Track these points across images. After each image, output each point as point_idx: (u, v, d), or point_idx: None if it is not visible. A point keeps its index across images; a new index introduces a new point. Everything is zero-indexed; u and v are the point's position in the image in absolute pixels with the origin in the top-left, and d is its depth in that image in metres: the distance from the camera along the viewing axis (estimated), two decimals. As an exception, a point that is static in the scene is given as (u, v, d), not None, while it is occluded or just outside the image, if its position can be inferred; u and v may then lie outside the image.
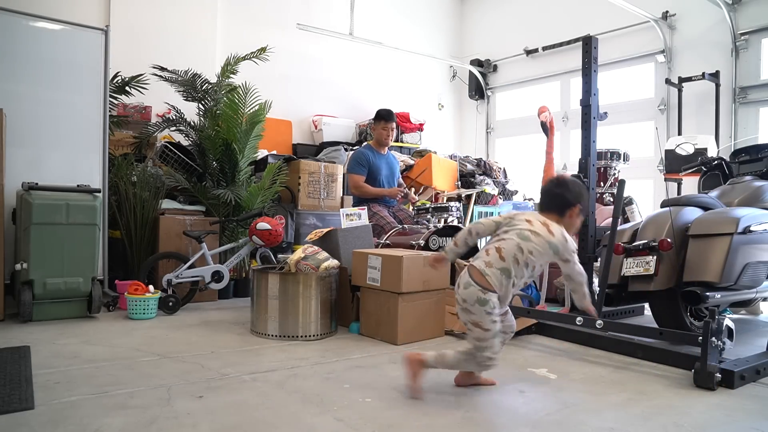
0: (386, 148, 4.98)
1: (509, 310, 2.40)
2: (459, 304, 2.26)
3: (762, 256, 3.02)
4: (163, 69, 4.85)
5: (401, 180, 5.29)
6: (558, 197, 2.30)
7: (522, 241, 2.20)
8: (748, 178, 3.78)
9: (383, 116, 4.85)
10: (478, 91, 8.82)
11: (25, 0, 4.47)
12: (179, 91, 4.95)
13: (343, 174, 5.69)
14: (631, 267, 3.11)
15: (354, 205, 4.83)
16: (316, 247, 3.38)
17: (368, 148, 4.95)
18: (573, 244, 2.26)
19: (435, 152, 7.01)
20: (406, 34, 8.27)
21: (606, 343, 3.06)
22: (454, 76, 9.14)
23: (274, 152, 5.91)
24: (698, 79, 6.01)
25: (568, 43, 7.51)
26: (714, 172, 4.10)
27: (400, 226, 4.57)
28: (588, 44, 3.76)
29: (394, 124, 4.92)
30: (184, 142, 5.06)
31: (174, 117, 5.03)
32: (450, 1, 9.15)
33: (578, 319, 2.95)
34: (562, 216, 2.29)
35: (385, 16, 8.08)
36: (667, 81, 6.34)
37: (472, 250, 4.23)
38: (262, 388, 2.29)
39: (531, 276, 2.28)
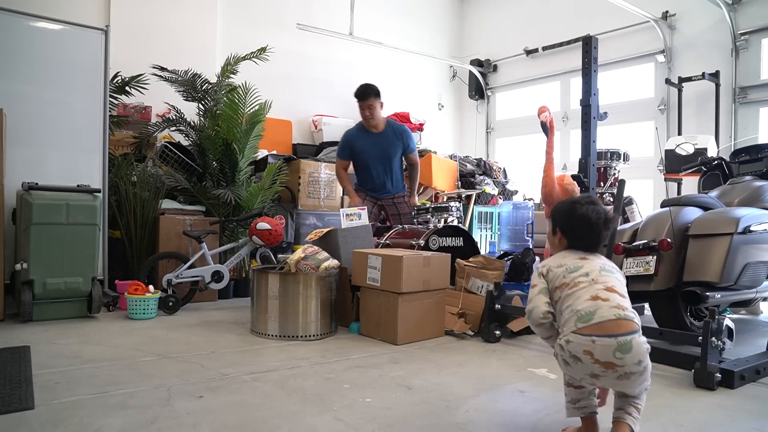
0: (380, 126, 4.49)
1: None
2: (631, 372, 1.61)
3: (762, 256, 3.02)
4: (163, 69, 4.85)
5: (414, 157, 4.68)
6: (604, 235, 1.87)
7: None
8: (748, 178, 3.78)
9: (357, 95, 4.45)
10: (478, 91, 8.82)
11: (25, 0, 4.47)
12: (179, 91, 4.95)
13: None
14: (631, 267, 3.11)
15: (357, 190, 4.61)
16: (316, 247, 3.38)
17: (356, 128, 4.57)
18: None
19: (435, 152, 7.01)
20: (406, 34, 8.27)
21: (606, 343, 3.06)
22: (454, 76, 9.14)
23: (274, 152, 5.91)
24: (698, 79, 6.01)
25: (568, 43, 7.51)
26: (714, 172, 4.10)
27: (379, 224, 4.41)
28: (588, 44, 3.76)
29: (374, 100, 4.41)
30: (184, 142, 5.06)
31: (174, 117, 5.03)
32: (450, 1, 9.15)
33: (578, 319, 2.95)
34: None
35: (385, 16, 8.08)
36: (667, 81, 6.34)
37: (472, 250, 4.23)
38: (262, 388, 2.29)
39: None
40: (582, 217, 1.83)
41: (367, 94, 4.41)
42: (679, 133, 6.19)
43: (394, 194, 4.56)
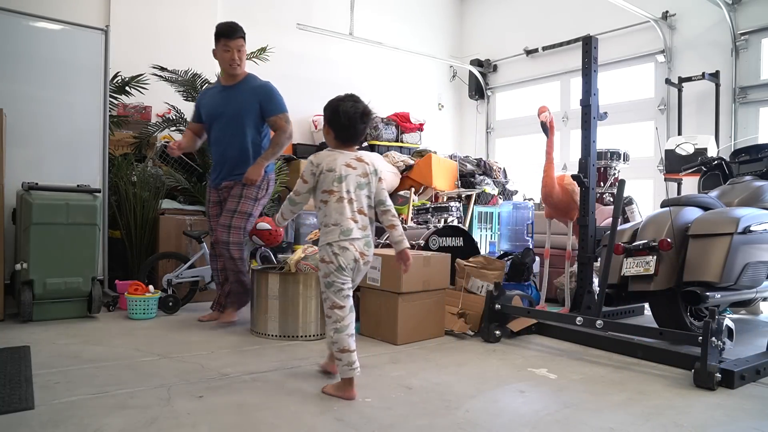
0: (239, 77, 3.46)
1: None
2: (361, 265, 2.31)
3: (762, 256, 3.02)
4: (163, 69, 4.85)
5: (278, 122, 3.41)
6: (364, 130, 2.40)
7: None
8: (748, 178, 3.78)
9: (222, 33, 3.42)
10: (478, 91, 8.82)
11: (25, 0, 4.47)
12: (179, 91, 4.95)
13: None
14: (631, 267, 3.11)
15: None
16: (316, 247, 3.38)
17: (215, 83, 3.74)
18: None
19: (435, 152, 7.01)
20: (406, 34, 8.27)
21: (606, 343, 3.06)
22: (454, 76, 9.14)
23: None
24: (698, 79, 6.01)
25: (568, 43, 7.51)
26: (714, 172, 4.10)
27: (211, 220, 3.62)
28: (588, 44, 3.76)
29: (243, 43, 3.47)
30: (184, 142, 5.05)
31: (174, 117, 5.03)
32: (450, 1, 9.15)
33: (578, 319, 2.95)
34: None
35: (385, 16, 8.08)
36: (667, 81, 6.34)
37: (472, 250, 4.24)
38: (262, 388, 2.29)
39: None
40: (344, 111, 2.32)
41: (236, 31, 3.45)
42: (679, 133, 6.19)
43: (238, 181, 3.38)
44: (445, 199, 6.22)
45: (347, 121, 2.31)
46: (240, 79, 3.46)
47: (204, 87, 3.72)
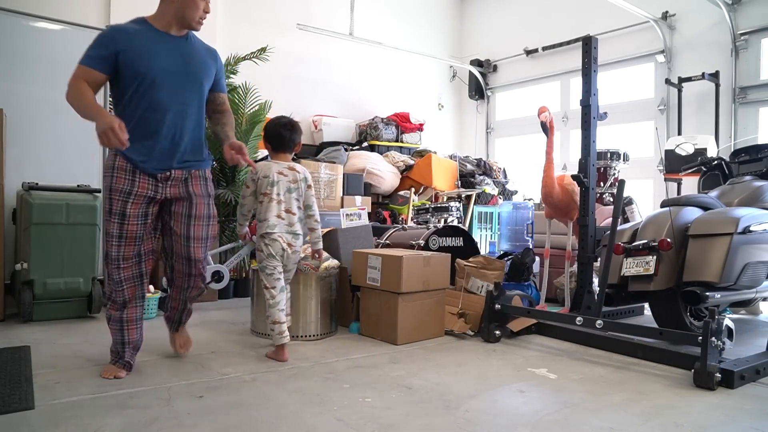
0: (193, 30, 2.56)
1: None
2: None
3: (762, 256, 3.02)
4: (163, 69, 4.83)
5: (226, 101, 2.70)
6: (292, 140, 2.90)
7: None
8: (748, 178, 3.78)
9: None
10: (478, 91, 8.82)
11: (25, 0, 4.47)
12: (179, 91, 4.93)
13: (343, 174, 5.65)
14: (631, 267, 3.11)
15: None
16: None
17: (135, 22, 2.55)
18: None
19: (435, 152, 7.01)
20: (406, 34, 8.27)
21: (606, 343, 3.07)
22: (454, 76, 9.14)
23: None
24: (698, 79, 6.01)
25: (568, 43, 7.51)
26: (714, 172, 4.10)
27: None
28: (588, 44, 3.76)
29: None
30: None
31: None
32: (450, 1, 9.15)
33: (578, 319, 2.96)
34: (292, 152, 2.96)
35: (385, 16, 8.08)
36: (667, 81, 6.34)
37: (472, 250, 4.24)
38: (262, 388, 2.29)
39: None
40: (273, 125, 2.91)
41: None
42: (679, 133, 6.19)
43: (191, 168, 2.48)
44: (445, 199, 6.22)
45: (275, 131, 2.88)
46: (186, 32, 2.54)
47: (115, 25, 2.57)
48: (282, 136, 2.87)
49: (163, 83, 2.40)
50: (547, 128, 4.09)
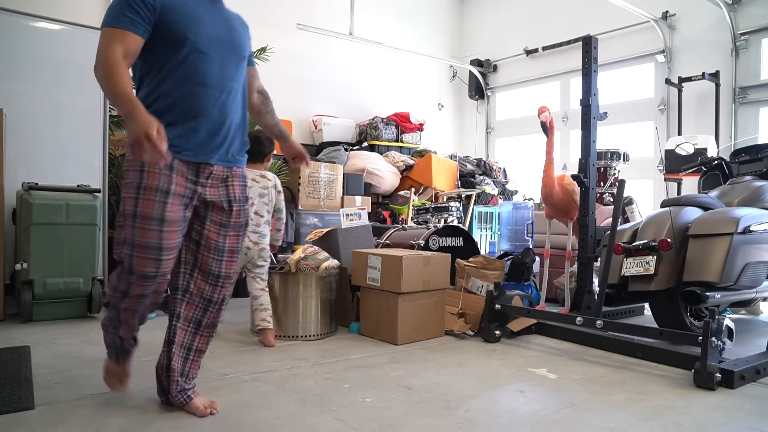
0: None
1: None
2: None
3: (762, 256, 3.02)
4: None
5: (259, 86, 2.34)
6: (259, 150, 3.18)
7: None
8: (748, 178, 3.78)
9: None
10: (478, 91, 8.82)
11: (25, 0, 4.47)
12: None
13: (343, 174, 5.65)
14: (631, 267, 3.11)
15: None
16: (316, 247, 3.38)
17: None
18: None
19: (435, 152, 7.01)
20: (406, 34, 8.27)
21: (606, 343, 3.06)
22: (454, 76, 9.14)
23: (274, 152, 5.90)
24: (698, 79, 6.01)
25: (568, 43, 7.51)
26: (714, 172, 4.09)
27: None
28: (588, 44, 3.76)
29: None
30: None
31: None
32: (450, 1, 9.15)
33: (578, 319, 2.96)
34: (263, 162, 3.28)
35: (385, 16, 8.08)
36: (667, 81, 6.34)
37: (472, 250, 4.24)
38: (262, 388, 2.29)
39: None
40: (250, 139, 2.47)
41: None
42: (679, 133, 6.19)
43: (232, 166, 2.07)
44: (445, 199, 6.22)
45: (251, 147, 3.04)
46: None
47: None
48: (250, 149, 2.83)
49: (213, 54, 1.97)
50: (547, 128, 4.09)
